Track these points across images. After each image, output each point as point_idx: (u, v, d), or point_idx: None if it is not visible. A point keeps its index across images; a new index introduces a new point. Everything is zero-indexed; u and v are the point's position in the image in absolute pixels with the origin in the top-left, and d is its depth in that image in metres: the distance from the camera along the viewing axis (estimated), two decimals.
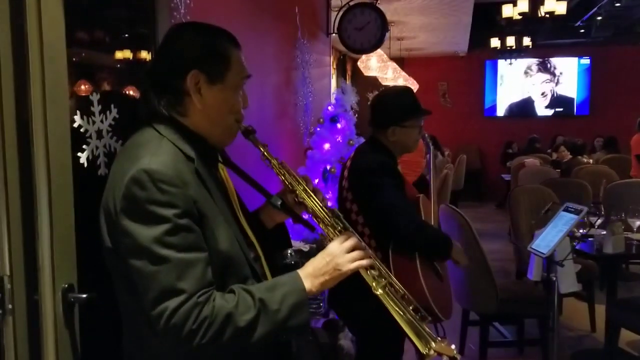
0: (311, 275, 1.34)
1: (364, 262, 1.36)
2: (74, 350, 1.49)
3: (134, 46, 2.03)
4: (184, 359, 1.31)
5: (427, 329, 1.35)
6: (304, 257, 3.26)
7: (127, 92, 1.97)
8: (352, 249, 1.37)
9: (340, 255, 1.35)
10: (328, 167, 4.74)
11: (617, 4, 8.90)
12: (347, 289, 1.52)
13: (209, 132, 1.39)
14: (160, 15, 2.09)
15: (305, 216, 1.53)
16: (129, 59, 2.01)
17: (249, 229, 1.48)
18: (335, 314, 3.17)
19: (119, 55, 1.96)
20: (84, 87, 1.69)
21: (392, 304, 1.34)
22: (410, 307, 1.36)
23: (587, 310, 4.55)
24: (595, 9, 9.33)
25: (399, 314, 1.33)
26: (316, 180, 4.80)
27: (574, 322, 4.71)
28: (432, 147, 2.93)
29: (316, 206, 1.46)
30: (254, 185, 1.52)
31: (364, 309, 1.60)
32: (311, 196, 1.47)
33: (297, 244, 3.49)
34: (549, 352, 2.98)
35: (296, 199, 1.49)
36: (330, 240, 1.41)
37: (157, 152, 1.27)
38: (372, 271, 1.38)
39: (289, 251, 3.13)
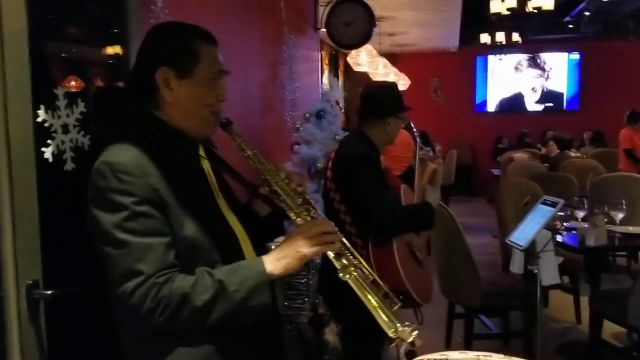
0: (273, 258, 1.37)
1: (327, 246, 1.38)
2: (40, 346, 1.48)
3: (105, 40, 2.02)
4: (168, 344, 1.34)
5: (393, 314, 1.36)
6: None
7: (95, 86, 1.95)
8: (316, 234, 1.38)
9: (301, 238, 1.37)
10: (314, 163, 4.73)
11: None
12: (338, 280, 1.52)
13: (184, 125, 1.43)
14: (132, 9, 2.07)
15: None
16: (99, 53, 2.00)
17: (232, 214, 1.51)
18: (324, 306, 3.19)
19: (89, 49, 1.95)
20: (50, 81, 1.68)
21: (359, 289, 1.36)
22: (380, 293, 1.38)
23: (572, 302, 4.57)
24: (584, 4, 9.36)
25: (366, 298, 1.35)
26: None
27: (559, 314, 4.73)
28: (418, 141, 2.95)
29: (287, 195, 1.47)
30: (236, 177, 1.56)
31: (354, 301, 1.60)
32: (282, 185, 1.48)
33: (281, 239, 3.48)
34: (534, 344, 2.99)
35: (269, 188, 1.51)
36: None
37: (123, 144, 1.34)
38: (340, 257, 1.39)
39: (272, 246, 3.13)
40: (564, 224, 3.50)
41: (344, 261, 1.39)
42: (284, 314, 3.18)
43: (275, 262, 1.36)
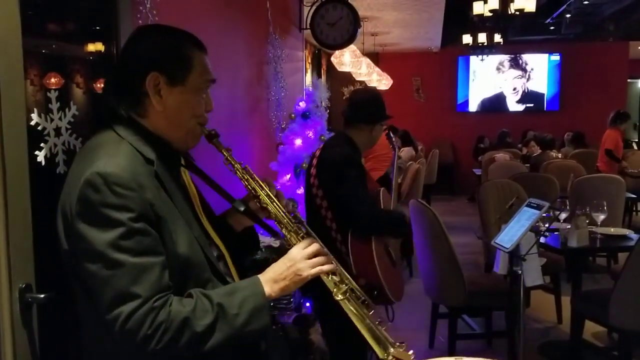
0: (271, 279, 1.34)
1: (325, 267, 1.37)
2: (33, 350, 1.48)
3: (95, 41, 2.01)
4: None
5: (385, 334, 1.36)
6: (274, 253, 3.27)
7: (88, 88, 1.94)
8: (314, 255, 1.38)
9: (301, 260, 1.36)
10: (299, 163, 4.74)
11: (586, 2, 9.04)
12: (313, 282, 1.53)
13: (169, 135, 1.37)
14: (122, 9, 2.06)
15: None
16: (90, 52, 1.99)
17: (212, 230, 1.47)
18: (309, 307, 3.22)
19: (80, 49, 1.94)
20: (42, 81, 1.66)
21: (352, 309, 1.36)
22: (371, 313, 1.38)
23: (554, 303, 4.63)
24: (565, 6, 9.47)
25: (359, 319, 1.35)
26: (287, 176, 4.81)
27: (541, 314, 4.80)
28: (396, 148, 3.16)
29: (279, 211, 1.45)
30: (217, 190, 1.51)
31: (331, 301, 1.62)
32: (274, 201, 1.46)
33: (267, 240, 3.49)
34: (516, 343, 3.03)
35: (259, 204, 1.48)
36: (292, 245, 1.41)
37: (114, 154, 1.25)
38: (334, 277, 1.38)
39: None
40: (547, 225, 3.55)
41: (338, 282, 1.38)
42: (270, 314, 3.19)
43: (273, 283, 1.34)
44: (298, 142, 4.84)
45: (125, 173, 1.22)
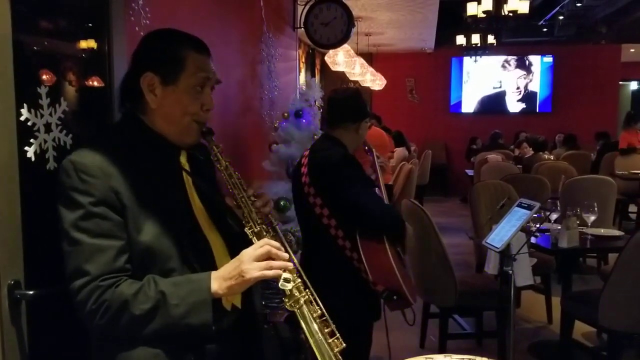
0: (221, 277, 1.35)
1: (270, 272, 1.33)
2: (21, 346, 1.47)
3: (87, 38, 2.00)
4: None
5: (331, 354, 1.33)
6: None
7: (80, 85, 1.93)
8: (263, 257, 1.34)
9: (247, 261, 1.33)
10: (293, 162, 4.74)
11: (579, 4, 9.09)
12: (317, 280, 1.51)
13: (166, 131, 1.45)
14: (114, 6, 2.05)
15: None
16: (82, 50, 1.98)
17: (211, 225, 1.49)
18: None
19: (72, 46, 1.93)
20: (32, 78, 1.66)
21: (302, 322, 1.33)
22: (327, 330, 1.35)
23: (544, 303, 4.66)
24: (558, 8, 9.52)
25: (310, 333, 1.32)
26: (281, 175, 4.80)
27: (531, 314, 4.82)
28: (372, 150, 3.06)
29: (249, 212, 1.44)
30: (208, 189, 1.52)
31: (334, 300, 1.60)
32: (246, 202, 1.45)
33: None
34: (506, 343, 3.04)
35: (236, 202, 1.49)
36: None
37: (94, 145, 1.38)
38: (285, 284, 1.34)
39: None
40: (537, 225, 3.56)
41: (294, 290, 1.34)
42: (262, 313, 3.20)
43: (221, 281, 1.34)
44: (291, 141, 4.84)
45: (94, 162, 1.33)
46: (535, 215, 2.96)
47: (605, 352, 3.66)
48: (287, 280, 1.34)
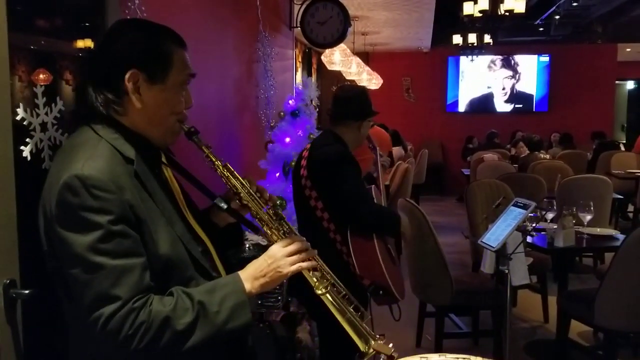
0: (251, 276, 1.35)
1: (305, 264, 1.38)
2: (17, 346, 1.47)
3: (84, 37, 1.99)
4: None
5: (367, 327, 1.39)
6: (261, 251, 3.26)
7: (76, 83, 1.93)
8: (295, 252, 1.38)
9: (281, 257, 1.36)
10: (289, 161, 4.74)
11: (575, 3, 9.11)
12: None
13: (149, 132, 1.36)
14: (111, 5, 2.05)
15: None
16: (79, 49, 1.97)
17: (198, 225, 1.47)
18: (296, 304, 3.23)
19: (69, 45, 1.92)
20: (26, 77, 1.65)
21: (333, 303, 1.38)
22: (351, 307, 1.40)
23: (540, 302, 4.66)
24: (554, 7, 9.54)
25: (340, 313, 1.37)
26: (277, 174, 4.80)
27: (527, 314, 4.83)
28: (376, 147, 3.15)
29: (260, 209, 1.44)
30: (199, 187, 1.50)
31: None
32: (254, 199, 1.45)
33: (255, 237, 3.48)
34: (502, 342, 3.04)
35: (240, 202, 1.48)
36: (273, 242, 1.41)
37: (93, 156, 1.24)
38: (315, 272, 1.40)
39: (247, 245, 3.14)
40: (533, 224, 3.57)
41: (320, 277, 1.39)
42: (257, 313, 3.19)
43: (253, 280, 1.34)
44: (287, 140, 4.84)
45: (104, 175, 1.21)
46: (532, 215, 2.97)
47: (601, 351, 3.68)
48: (315, 269, 1.39)
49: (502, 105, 12.45)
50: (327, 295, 1.37)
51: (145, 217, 1.26)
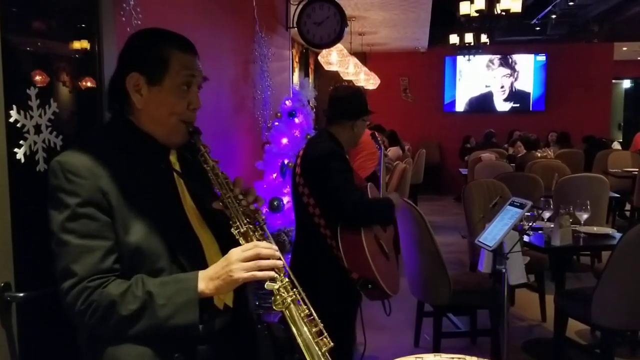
0: (208, 277, 1.34)
1: (260, 273, 1.33)
2: (12, 349, 1.46)
3: (78, 39, 1.99)
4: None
5: (321, 355, 1.32)
6: None
7: (74, 86, 1.92)
8: (252, 258, 1.33)
9: (235, 261, 1.32)
10: (285, 162, 4.74)
11: (571, 3, 9.12)
12: (300, 266, 1.52)
13: (154, 131, 1.45)
14: (105, 6, 2.04)
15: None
16: (74, 50, 1.97)
17: (201, 223, 1.48)
18: None
19: (63, 46, 1.92)
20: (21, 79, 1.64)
21: (290, 321, 1.32)
22: (315, 329, 1.33)
23: (538, 301, 4.67)
24: (550, 7, 9.55)
25: (297, 332, 1.31)
26: (274, 175, 4.80)
27: (525, 313, 4.83)
28: (382, 147, 3.18)
29: (235, 211, 1.41)
30: (199, 187, 1.51)
31: (314, 286, 1.61)
32: (233, 201, 1.42)
33: None
34: (500, 341, 3.04)
35: (223, 203, 1.46)
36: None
37: (83, 145, 1.38)
38: (272, 283, 1.33)
39: None
40: (530, 223, 3.57)
41: (281, 290, 1.32)
42: (256, 314, 3.20)
43: (208, 281, 1.33)
44: (284, 141, 4.84)
45: (80, 162, 1.33)
46: (529, 214, 2.97)
47: (598, 350, 3.67)
48: (273, 280, 1.32)
49: (501, 105, 12.46)
50: (286, 311, 1.31)
51: (119, 205, 1.34)
